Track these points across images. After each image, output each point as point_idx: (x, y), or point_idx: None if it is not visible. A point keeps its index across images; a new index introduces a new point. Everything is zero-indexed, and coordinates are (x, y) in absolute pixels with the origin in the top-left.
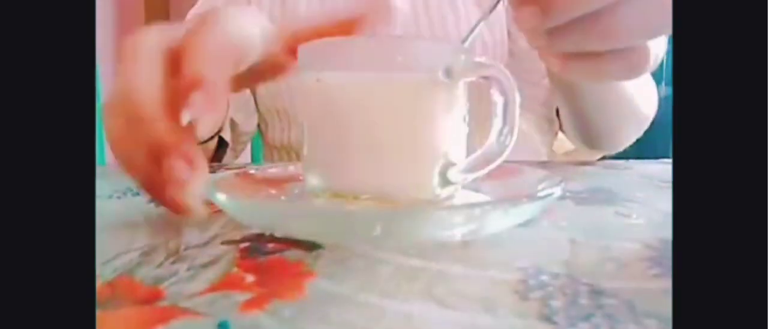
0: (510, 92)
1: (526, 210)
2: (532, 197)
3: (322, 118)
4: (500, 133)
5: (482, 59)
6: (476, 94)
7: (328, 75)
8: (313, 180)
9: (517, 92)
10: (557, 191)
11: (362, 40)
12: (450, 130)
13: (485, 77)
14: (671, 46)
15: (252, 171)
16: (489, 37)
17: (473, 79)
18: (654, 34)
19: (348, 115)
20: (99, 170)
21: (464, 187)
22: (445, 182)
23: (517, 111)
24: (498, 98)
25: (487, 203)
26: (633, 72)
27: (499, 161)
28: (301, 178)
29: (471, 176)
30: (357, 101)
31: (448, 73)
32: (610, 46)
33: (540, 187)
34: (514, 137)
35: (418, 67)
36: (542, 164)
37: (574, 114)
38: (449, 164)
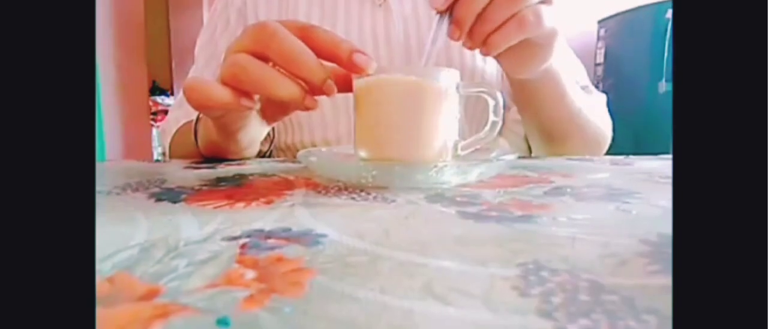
0: (498, 98)
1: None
2: (487, 161)
3: (376, 114)
4: (493, 123)
5: (478, 84)
6: (473, 102)
7: (385, 76)
8: (362, 152)
9: (501, 97)
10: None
11: (413, 66)
12: (452, 120)
13: (480, 92)
14: (672, 43)
15: (324, 149)
16: (490, 67)
17: (473, 93)
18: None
19: (398, 110)
20: (98, 166)
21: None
22: (454, 153)
23: (502, 111)
24: (491, 102)
25: (458, 163)
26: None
27: (489, 139)
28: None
29: (470, 149)
30: (400, 96)
31: (457, 88)
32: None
33: (494, 154)
34: (499, 128)
35: (440, 83)
36: (542, 160)
37: (533, 121)
38: (457, 142)
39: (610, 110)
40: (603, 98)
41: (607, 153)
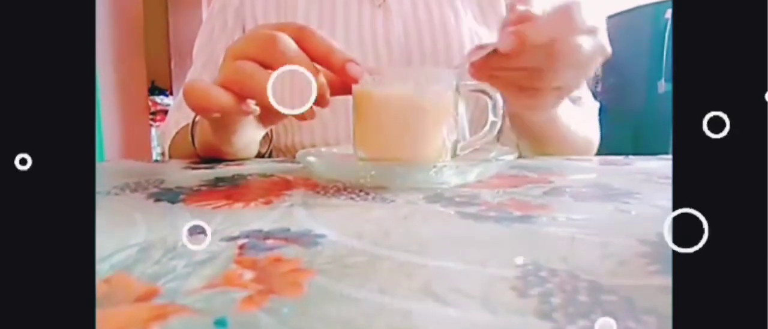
0: (497, 98)
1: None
2: (486, 160)
3: (375, 114)
4: (492, 123)
5: (478, 84)
6: (473, 101)
7: (384, 79)
8: (361, 152)
9: (500, 97)
10: (509, 157)
11: (410, 69)
12: (451, 121)
13: (480, 91)
14: (671, 42)
15: (324, 149)
16: None
17: (473, 91)
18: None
19: (397, 110)
20: (97, 166)
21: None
22: (453, 152)
23: (501, 110)
24: (490, 102)
25: (457, 163)
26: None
27: (489, 139)
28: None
29: (469, 149)
30: (399, 101)
31: (457, 88)
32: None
33: (492, 154)
34: (499, 127)
35: (440, 83)
36: (542, 160)
37: (523, 135)
38: (456, 142)
39: (609, 110)
40: (595, 108)
41: (607, 153)
